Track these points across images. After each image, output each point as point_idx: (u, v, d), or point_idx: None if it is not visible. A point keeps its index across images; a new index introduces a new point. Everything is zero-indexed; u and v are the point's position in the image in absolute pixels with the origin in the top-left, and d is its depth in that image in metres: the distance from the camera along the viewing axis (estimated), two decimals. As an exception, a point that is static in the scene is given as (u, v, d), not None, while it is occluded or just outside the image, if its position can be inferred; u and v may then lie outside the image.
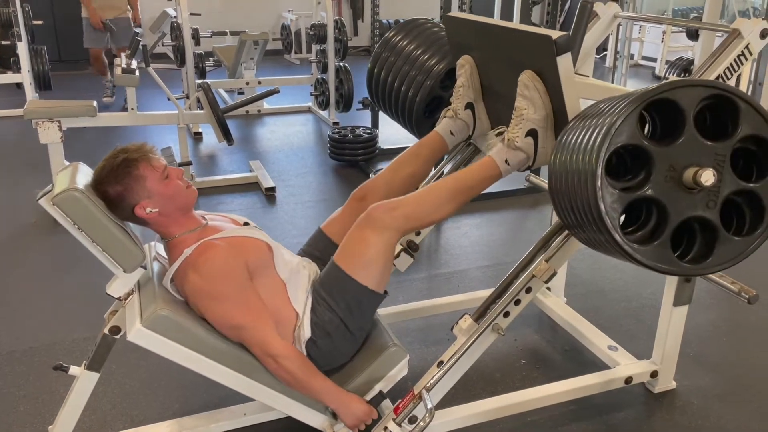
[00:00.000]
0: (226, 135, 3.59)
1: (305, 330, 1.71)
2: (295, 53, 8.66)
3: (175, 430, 1.90)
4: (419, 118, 2.18)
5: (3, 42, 6.28)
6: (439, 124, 2.00)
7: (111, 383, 2.18)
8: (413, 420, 1.69)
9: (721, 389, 2.20)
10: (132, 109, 4.29)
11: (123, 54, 4.31)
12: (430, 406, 1.64)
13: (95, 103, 3.84)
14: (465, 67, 1.93)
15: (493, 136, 1.76)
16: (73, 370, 1.71)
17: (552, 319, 2.57)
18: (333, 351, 1.75)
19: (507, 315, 1.73)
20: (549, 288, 2.64)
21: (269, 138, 5.42)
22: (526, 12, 9.90)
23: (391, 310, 2.50)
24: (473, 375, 1.95)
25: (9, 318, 2.63)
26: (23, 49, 4.97)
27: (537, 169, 3.78)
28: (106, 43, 5.91)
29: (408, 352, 1.81)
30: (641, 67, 8.55)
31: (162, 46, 5.80)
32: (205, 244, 1.62)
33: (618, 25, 3.78)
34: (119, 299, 1.68)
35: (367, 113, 5.15)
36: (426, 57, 2.12)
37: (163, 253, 1.76)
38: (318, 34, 5.50)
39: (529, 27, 1.63)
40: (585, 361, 2.34)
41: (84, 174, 1.63)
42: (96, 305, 2.30)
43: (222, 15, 8.61)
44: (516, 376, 2.26)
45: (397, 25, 2.27)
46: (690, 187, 1.30)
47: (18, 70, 5.43)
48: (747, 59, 1.75)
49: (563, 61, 1.53)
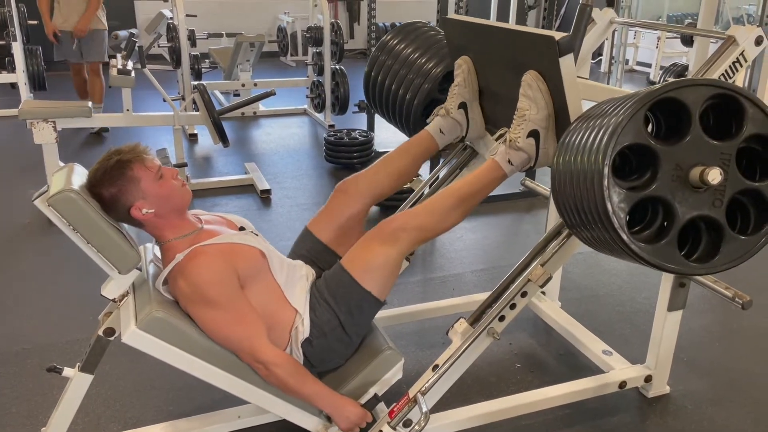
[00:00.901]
0: (221, 137, 3.59)
1: (303, 329, 1.71)
2: (291, 55, 8.67)
3: (169, 432, 1.89)
4: (416, 121, 2.18)
5: (-2, 42, 6.27)
6: (431, 122, 2.01)
7: (105, 385, 2.17)
8: (408, 423, 1.69)
9: (715, 394, 2.21)
10: (127, 110, 4.28)
11: (119, 55, 4.29)
12: (425, 409, 1.64)
13: (90, 104, 3.83)
14: (462, 67, 1.93)
15: (493, 141, 1.77)
16: (67, 371, 1.70)
17: (547, 324, 2.58)
18: (328, 352, 1.75)
19: (502, 319, 1.73)
20: (544, 292, 2.65)
21: (265, 140, 5.41)
22: (521, 17, 9.96)
23: (386, 313, 2.49)
24: (468, 379, 1.95)
25: (2, 319, 2.62)
26: (18, 50, 4.97)
27: (533, 173, 3.81)
28: (79, 57, 5.28)
29: (403, 355, 1.81)
30: (636, 73, 8.59)
31: (158, 47, 5.79)
32: (196, 250, 1.61)
33: (613, 31, 3.81)
34: (114, 301, 1.67)
35: (363, 116, 5.16)
36: (423, 60, 2.13)
37: (159, 255, 1.75)
38: (314, 36, 5.51)
39: (531, 28, 1.63)
40: (579, 366, 2.34)
41: (79, 175, 1.62)
42: (90, 307, 2.29)
43: (218, 17, 8.61)
44: (510, 380, 2.27)
45: (395, 29, 2.28)
46: (696, 186, 1.30)
47: (13, 70, 5.42)
48: (742, 66, 1.76)
49: (565, 62, 1.54)
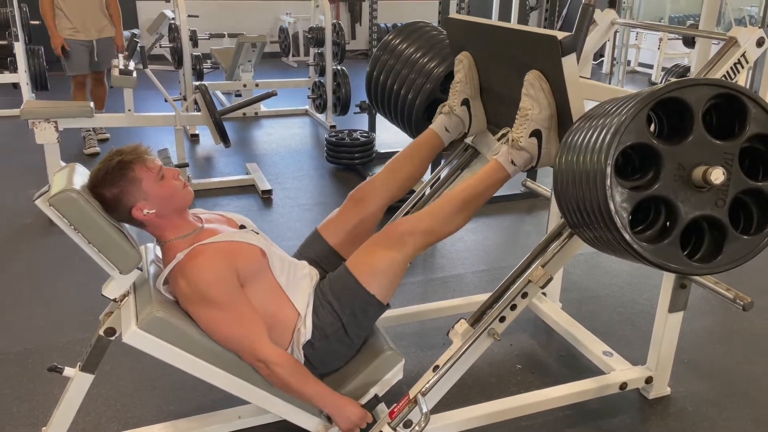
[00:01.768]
0: (223, 137, 3.59)
1: (306, 331, 1.71)
2: (293, 56, 8.68)
3: (170, 432, 1.89)
4: (418, 121, 2.18)
5: (0, 42, 6.27)
6: (435, 121, 2.01)
7: (105, 385, 2.17)
8: (408, 424, 1.69)
9: (716, 395, 2.21)
10: (129, 111, 4.29)
11: (120, 55, 4.30)
12: (425, 410, 1.64)
13: (92, 104, 3.84)
14: (463, 63, 1.93)
15: (496, 141, 1.77)
16: (68, 371, 1.70)
17: (547, 325, 2.58)
18: (329, 354, 1.75)
19: (503, 320, 1.73)
20: (545, 293, 2.64)
21: (266, 141, 5.41)
22: (523, 17, 9.95)
23: (387, 314, 2.47)
24: (468, 380, 1.95)
25: (3, 319, 2.62)
26: (20, 49, 4.97)
27: (534, 174, 3.81)
28: (89, 67, 4.77)
29: (403, 356, 1.81)
30: (637, 74, 8.59)
31: (159, 47, 5.80)
32: (196, 249, 1.61)
33: (615, 32, 3.81)
34: (115, 301, 1.67)
35: (364, 117, 5.16)
36: (425, 60, 2.13)
37: (160, 255, 1.75)
38: (316, 37, 5.51)
39: (533, 28, 1.63)
40: (580, 367, 2.34)
41: (81, 175, 1.62)
42: (91, 306, 2.30)
43: (220, 17, 8.62)
44: (511, 381, 2.27)
45: (397, 29, 2.28)
46: (699, 186, 1.30)
47: (15, 70, 5.42)
48: (743, 67, 1.76)
49: (568, 62, 1.54)
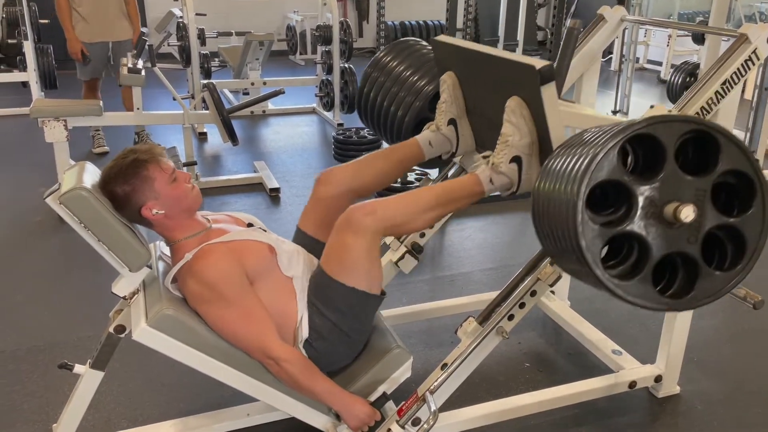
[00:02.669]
0: (230, 135, 3.60)
1: (303, 330, 1.71)
2: (300, 54, 8.67)
3: (179, 429, 1.90)
4: (408, 138, 2.18)
5: (9, 40, 6.30)
6: (421, 134, 2.00)
7: (115, 382, 2.18)
8: (417, 422, 1.69)
9: (725, 394, 2.20)
10: (137, 109, 4.30)
11: (129, 54, 4.30)
12: (433, 408, 1.64)
13: (101, 102, 3.85)
14: (447, 83, 1.93)
15: (480, 158, 1.78)
16: (78, 368, 1.72)
17: (556, 323, 2.57)
18: (331, 353, 1.75)
19: (511, 318, 1.73)
20: (553, 291, 2.64)
21: (274, 139, 5.42)
22: (531, 14, 9.91)
23: (395, 312, 2.50)
24: (476, 378, 1.95)
25: (14, 316, 2.64)
26: (29, 48, 4.99)
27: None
28: (109, 70, 4.63)
29: (411, 354, 1.81)
30: (646, 71, 8.55)
31: (167, 46, 5.81)
32: (204, 249, 1.62)
33: (623, 29, 3.79)
34: (124, 298, 1.68)
35: (372, 115, 5.15)
36: (415, 78, 2.15)
37: (168, 253, 1.76)
38: (323, 35, 5.51)
39: (515, 55, 1.64)
40: (589, 365, 2.33)
41: (91, 173, 1.63)
42: (101, 304, 2.31)
43: (227, 16, 8.63)
44: (519, 379, 2.26)
45: (388, 46, 2.30)
46: (671, 223, 1.30)
47: (24, 68, 5.44)
48: (754, 64, 1.75)
49: (547, 91, 1.54)
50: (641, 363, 2.20)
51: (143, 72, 4.04)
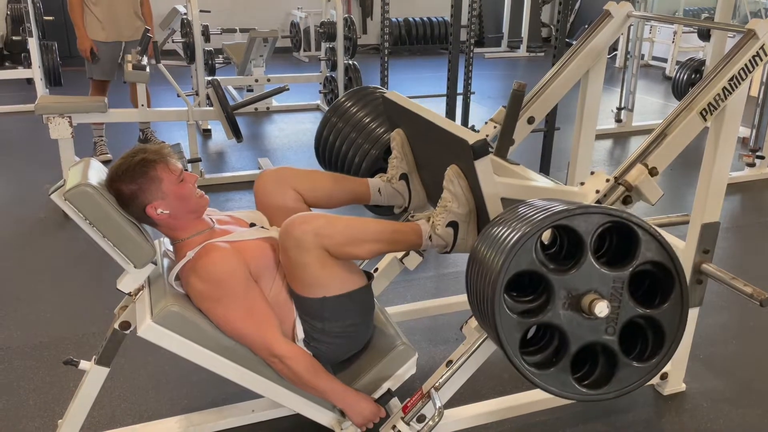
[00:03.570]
0: (235, 132, 3.60)
1: (298, 331, 1.71)
2: (304, 51, 8.67)
3: (184, 425, 1.90)
4: None
5: (14, 37, 6.33)
6: (373, 178, 2.01)
7: (120, 378, 2.19)
8: (422, 419, 1.69)
9: (731, 392, 2.19)
10: (142, 106, 4.31)
11: (133, 50, 4.30)
12: (438, 405, 1.64)
13: (106, 99, 3.85)
14: (396, 140, 1.95)
15: (424, 213, 1.80)
16: (83, 364, 1.72)
17: (561, 320, 2.56)
18: (330, 351, 1.75)
19: (516, 315, 1.73)
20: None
21: (278, 135, 5.42)
22: (536, 11, 9.89)
23: (400, 308, 2.49)
24: (481, 375, 1.94)
25: (19, 313, 2.64)
26: (34, 45, 4.99)
27: (547, 169, 3.79)
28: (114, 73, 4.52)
29: (416, 351, 1.81)
30: (651, 68, 8.52)
31: (172, 42, 5.82)
32: (207, 247, 1.62)
33: (629, 26, 3.77)
34: (129, 295, 1.69)
35: (376, 111, 5.15)
36: (374, 126, 2.19)
37: (172, 249, 1.76)
38: (327, 31, 5.50)
39: (453, 126, 1.64)
40: (594, 362, 2.33)
41: (96, 170, 1.63)
42: (106, 300, 2.31)
43: (232, 12, 8.63)
44: (524, 376, 2.26)
45: (348, 92, 2.36)
46: (588, 314, 1.32)
47: (29, 65, 5.46)
48: (762, 60, 1.74)
49: (481, 165, 1.55)
50: (647, 360, 2.19)
51: (148, 69, 4.04)
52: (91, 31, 4.36)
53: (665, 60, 8.19)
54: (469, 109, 4.51)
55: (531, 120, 2.27)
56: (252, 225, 1.84)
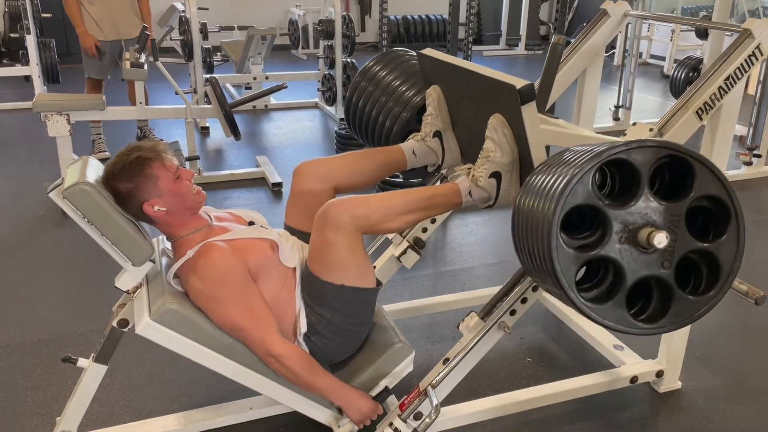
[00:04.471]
0: (233, 130, 3.60)
1: (301, 324, 1.72)
2: (303, 48, 8.66)
3: (182, 423, 1.91)
4: None
5: (12, 35, 6.31)
6: (406, 142, 2.00)
7: (118, 376, 2.19)
8: (419, 416, 1.69)
9: (727, 390, 2.20)
10: (140, 103, 4.30)
11: (131, 48, 4.30)
12: (435, 402, 1.65)
13: (104, 97, 3.85)
14: (432, 96, 1.94)
15: (462, 168, 1.79)
16: (82, 362, 1.72)
17: (558, 318, 2.57)
18: (330, 348, 1.75)
19: (513, 313, 1.73)
20: (555, 286, 2.64)
21: (276, 133, 5.42)
22: (534, 9, 9.87)
23: (397, 306, 2.50)
24: (478, 373, 1.96)
25: (18, 310, 2.65)
26: (32, 42, 4.99)
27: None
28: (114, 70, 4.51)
29: (413, 348, 1.82)
30: (649, 66, 8.52)
31: (170, 40, 5.81)
32: (206, 246, 1.62)
33: (626, 24, 3.77)
34: (127, 292, 1.69)
35: (374, 109, 5.15)
36: (404, 89, 2.16)
37: (170, 248, 1.76)
38: (326, 29, 5.50)
39: (497, 73, 1.64)
40: (590, 360, 2.34)
41: (94, 168, 1.64)
42: (104, 298, 2.31)
43: (230, 10, 8.62)
44: (521, 374, 2.27)
45: (378, 56, 2.32)
46: (645, 248, 1.31)
47: (26, 63, 5.45)
48: (758, 59, 1.74)
49: (527, 110, 1.55)
50: (643, 358, 2.20)
51: (146, 66, 4.03)
52: (90, 31, 4.35)
53: (663, 58, 8.20)
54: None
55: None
56: (251, 224, 1.84)
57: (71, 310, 2.64)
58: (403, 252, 2.19)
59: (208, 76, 4.55)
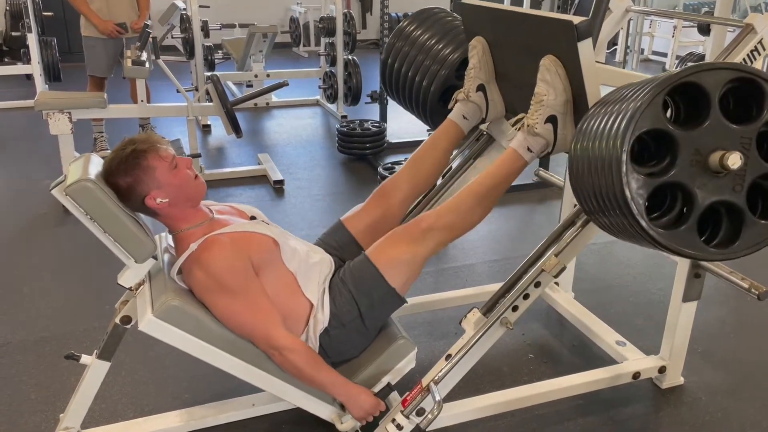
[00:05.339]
0: (234, 127, 3.60)
1: (323, 318, 1.72)
2: (304, 46, 8.66)
3: (185, 419, 1.91)
4: (433, 107, 2.17)
5: (13, 33, 6.31)
6: (452, 110, 2.00)
7: (121, 373, 2.20)
8: (421, 412, 1.70)
9: (730, 386, 2.20)
10: (142, 101, 4.31)
11: (133, 46, 4.30)
12: (438, 398, 1.65)
13: (105, 95, 3.85)
14: (477, 48, 1.92)
15: (510, 127, 1.77)
16: (85, 359, 1.73)
17: (560, 314, 2.57)
18: (344, 343, 1.76)
19: (516, 309, 1.74)
20: (557, 283, 2.64)
21: (277, 131, 5.42)
22: (535, 5, 9.85)
23: (399, 303, 2.50)
24: (480, 369, 1.96)
25: (20, 307, 2.65)
26: (33, 41, 4.98)
27: (547, 163, 3.79)
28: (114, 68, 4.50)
29: (416, 345, 1.82)
30: (651, 62, 8.50)
31: (171, 38, 5.80)
32: (210, 239, 1.62)
33: (628, 20, 3.77)
34: (130, 289, 1.69)
35: (376, 107, 5.15)
36: (440, 46, 2.11)
37: (173, 244, 1.77)
38: (327, 27, 5.49)
39: (548, 13, 1.62)
40: (592, 356, 2.34)
41: (96, 165, 1.64)
42: (107, 295, 2.32)
43: (231, 7, 8.61)
44: (523, 370, 2.27)
45: (412, 15, 2.26)
46: (716, 171, 1.28)
47: (28, 61, 5.45)
48: (760, 54, 1.74)
49: (584, 47, 1.53)
50: (645, 354, 2.20)
51: (147, 64, 4.03)
52: (88, 28, 4.34)
53: (665, 54, 8.17)
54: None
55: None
56: (253, 218, 1.84)
57: (74, 307, 2.65)
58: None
59: (209, 74, 4.56)
